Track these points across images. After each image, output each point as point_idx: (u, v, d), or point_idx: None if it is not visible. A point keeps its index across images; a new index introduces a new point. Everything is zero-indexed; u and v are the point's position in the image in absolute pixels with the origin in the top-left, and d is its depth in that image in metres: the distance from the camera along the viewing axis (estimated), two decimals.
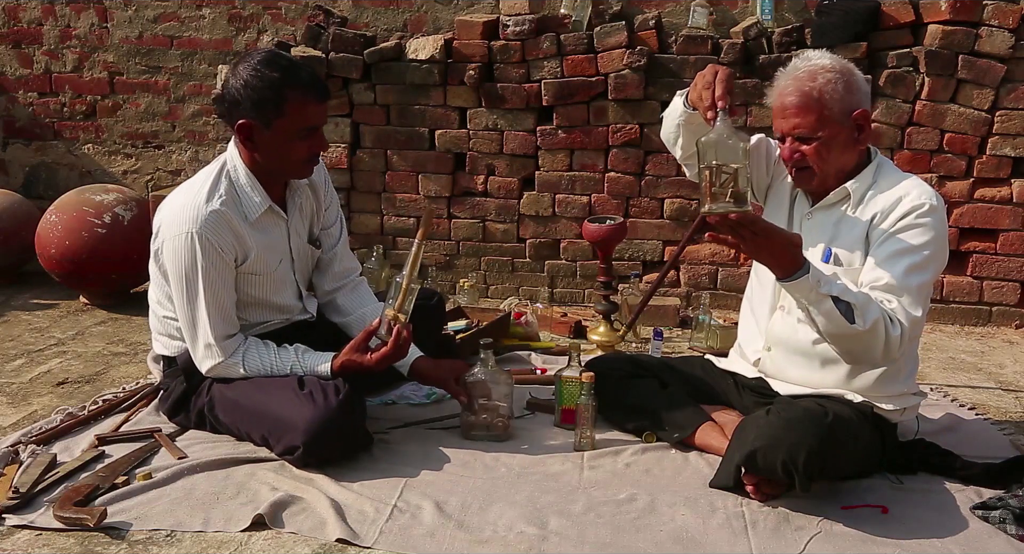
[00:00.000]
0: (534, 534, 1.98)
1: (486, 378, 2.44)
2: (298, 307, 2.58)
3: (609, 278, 3.22)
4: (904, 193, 2.16)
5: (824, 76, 2.16)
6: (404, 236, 4.07)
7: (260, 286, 2.44)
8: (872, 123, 2.18)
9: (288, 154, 2.31)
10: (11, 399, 2.81)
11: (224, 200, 2.30)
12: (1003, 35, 3.46)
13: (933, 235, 2.12)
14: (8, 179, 4.55)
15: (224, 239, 2.29)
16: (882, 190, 2.20)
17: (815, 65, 2.18)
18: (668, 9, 3.85)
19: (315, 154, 2.37)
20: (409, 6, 4.09)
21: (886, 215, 2.15)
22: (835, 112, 2.16)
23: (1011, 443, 2.51)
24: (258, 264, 2.39)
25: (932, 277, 2.15)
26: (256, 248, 2.36)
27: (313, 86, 2.29)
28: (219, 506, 2.08)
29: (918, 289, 2.09)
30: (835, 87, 2.15)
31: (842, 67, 2.19)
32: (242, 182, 2.35)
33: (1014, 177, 3.61)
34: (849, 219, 2.22)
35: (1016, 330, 3.69)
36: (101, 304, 3.82)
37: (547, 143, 3.86)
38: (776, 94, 2.23)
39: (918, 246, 2.11)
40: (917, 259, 2.10)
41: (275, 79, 2.23)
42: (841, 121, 2.17)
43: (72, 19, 4.38)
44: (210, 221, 2.27)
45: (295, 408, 2.23)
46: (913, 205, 2.13)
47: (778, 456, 2.01)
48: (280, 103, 2.23)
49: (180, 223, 2.28)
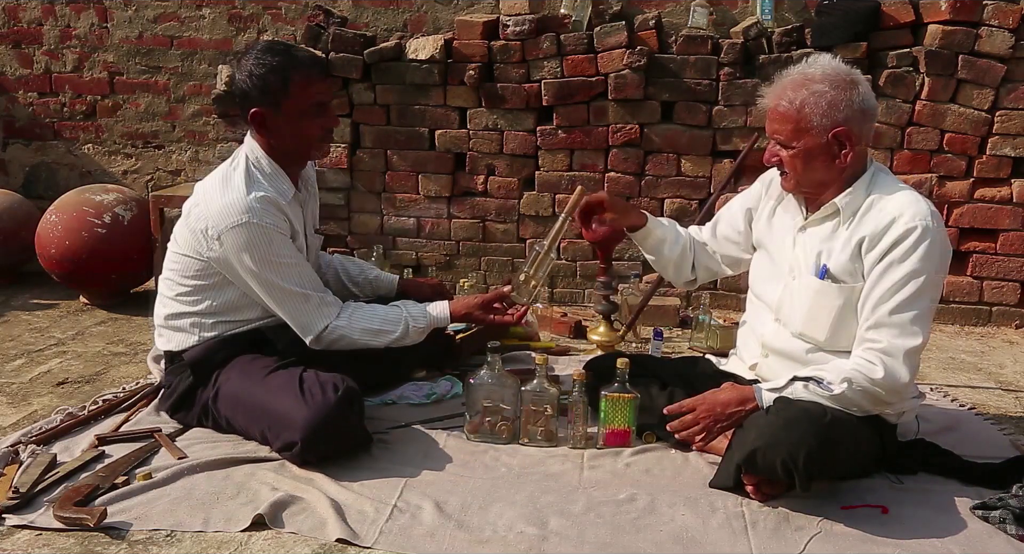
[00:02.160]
0: (534, 534, 1.98)
1: (492, 381, 2.43)
2: None
3: (609, 278, 3.21)
4: (898, 214, 2.10)
5: (812, 87, 2.12)
6: (404, 236, 4.08)
7: None
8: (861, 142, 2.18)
9: (303, 133, 2.40)
10: (11, 399, 2.81)
11: (264, 187, 2.38)
12: (1003, 35, 3.46)
13: (926, 261, 2.07)
14: (8, 179, 4.55)
15: (281, 220, 2.38)
16: (874, 207, 2.16)
17: (809, 73, 2.15)
18: (668, 9, 3.85)
19: (329, 130, 2.46)
20: (409, 6, 4.09)
21: (876, 240, 2.11)
22: (813, 126, 2.12)
23: (1011, 443, 2.51)
24: (301, 244, 2.48)
25: (929, 303, 2.12)
26: (298, 230, 2.46)
27: (313, 64, 2.41)
28: (219, 506, 2.08)
29: (912, 320, 2.07)
30: (818, 100, 2.11)
31: (837, 80, 2.12)
32: (268, 172, 2.43)
33: (1014, 177, 3.61)
34: (841, 235, 2.20)
35: (1016, 330, 3.69)
36: (101, 304, 3.82)
37: (547, 143, 3.86)
38: (768, 94, 2.23)
39: (911, 276, 2.07)
40: (910, 292, 2.07)
41: (276, 63, 2.33)
42: (818, 135, 2.13)
43: (72, 19, 4.38)
44: (263, 207, 2.34)
45: (294, 404, 2.24)
46: (905, 229, 2.08)
47: (778, 456, 2.01)
48: (285, 84, 2.33)
49: (236, 215, 2.32)
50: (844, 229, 2.20)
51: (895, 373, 2.06)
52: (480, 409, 2.45)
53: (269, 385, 2.33)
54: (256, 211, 2.32)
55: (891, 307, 2.08)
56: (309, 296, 2.42)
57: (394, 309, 2.54)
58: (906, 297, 2.07)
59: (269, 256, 2.34)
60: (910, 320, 2.07)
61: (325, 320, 2.43)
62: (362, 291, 2.88)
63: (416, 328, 2.52)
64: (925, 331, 2.10)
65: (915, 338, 2.07)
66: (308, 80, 2.35)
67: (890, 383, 2.07)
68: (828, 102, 2.11)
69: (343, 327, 2.44)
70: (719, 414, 2.20)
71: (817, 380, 2.10)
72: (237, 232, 2.31)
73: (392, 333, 2.49)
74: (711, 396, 2.23)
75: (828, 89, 2.11)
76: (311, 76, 2.36)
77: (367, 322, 2.47)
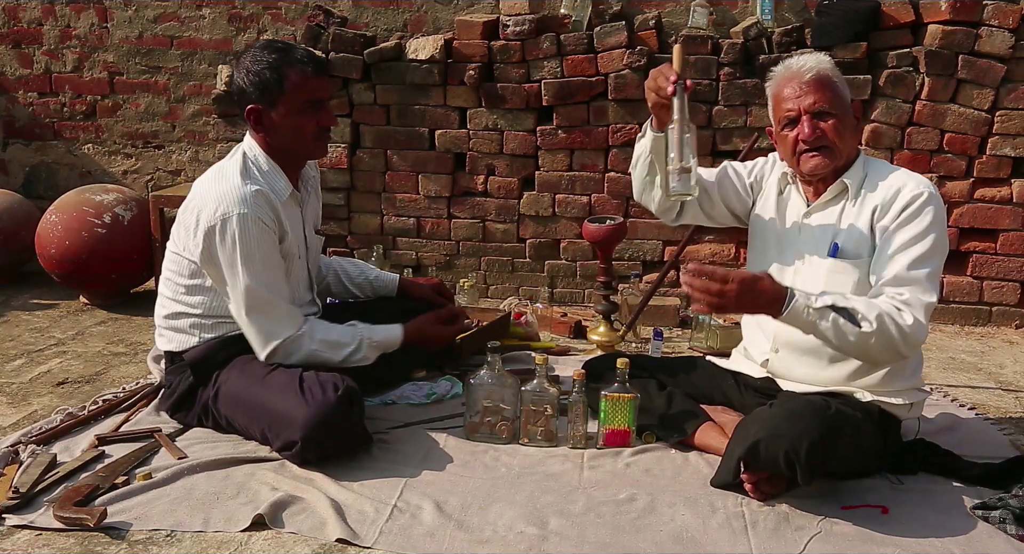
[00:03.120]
0: (534, 534, 1.98)
1: (492, 381, 2.43)
2: (308, 298, 2.65)
3: (609, 278, 3.22)
4: (901, 184, 2.20)
5: (829, 65, 2.26)
6: (404, 236, 4.08)
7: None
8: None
9: (298, 130, 2.39)
10: (11, 399, 2.81)
11: (259, 182, 2.38)
12: (1003, 35, 3.46)
13: (935, 223, 2.16)
14: (8, 179, 4.55)
15: (269, 217, 2.36)
16: (877, 181, 2.24)
17: (816, 56, 2.29)
18: (668, 9, 3.85)
19: (324, 128, 2.45)
20: (409, 6, 4.09)
21: (887, 207, 2.19)
22: (843, 95, 2.25)
23: (1011, 443, 2.51)
24: (289, 246, 2.46)
25: (939, 262, 2.18)
26: (288, 231, 2.44)
27: (310, 61, 2.39)
28: (219, 506, 2.08)
29: (927, 277, 2.12)
30: (839, 75, 2.27)
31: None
32: (265, 169, 2.43)
33: (1014, 177, 3.61)
34: (851, 212, 2.25)
35: (1016, 330, 3.69)
36: (101, 304, 3.82)
37: (547, 143, 3.86)
38: (782, 80, 2.27)
39: (922, 235, 2.14)
40: (923, 249, 2.13)
41: (272, 59, 2.35)
42: (847, 106, 2.26)
43: (72, 19, 4.38)
44: (255, 201, 2.33)
45: (294, 403, 2.24)
46: (913, 195, 2.17)
47: (781, 447, 2.00)
48: (280, 80, 2.34)
49: (227, 206, 2.31)
50: (852, 206, 2.25)
51: (920, 325, 2.08)
52: (480, 409, 2.45)
53: (269, 384, 2.33)
54: (247, 202, 2.31)
55: (908, 262, 2.12)
56: (277, 303, 2.38)
57: (350, 327, 2.52)
58: (920, 254, 2.12)
59: (250, 249, 2.32)
60: (926, 277, 2.12)
61: (288, 331, 2.39)
62: (363, 292, 2.89)
63: (372, 343, 2.49)
64: (937, 290, 2.16)
65: (932, 294, 2.11)
66: (303, 77, 2.35)
67: (914, 334, 2.07)
68: (842, 79, 2.27)
69: (303, 336, 2.40)
70: (743, 298, 2.04)
71: (850, 313, 2.04)
72: (224, 221, 2.30)
73: (348, 346, 2.46)
74: (750, 278, 2.06)
75: (837, 70, 2.28)
76: (306, 73, 2.36)
77: (325, 333, 2.45)
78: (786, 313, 2.06)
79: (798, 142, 2.23)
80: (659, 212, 2.52)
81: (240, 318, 2.39)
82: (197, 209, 2.36)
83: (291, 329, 2.40)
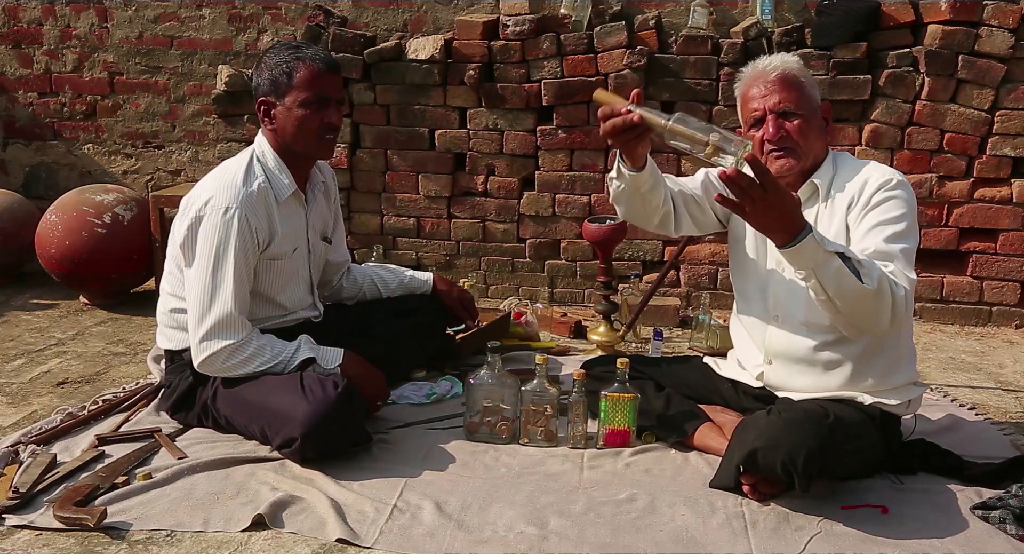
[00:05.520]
0: (534, 534, 1.98)
1: (492, 381, 2.43)
2: (308, 301, 2.66)
3: (609, 278, 3.22)
4: (868, 176, 2.20)
5: (796, 65, 2.25)
6: (404, 236, 4.08)
7: (275, 273, 2.49)
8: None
9: (302, 124, 2.41)
10: (11, 399, 2.81)
11: (260, 181, 2.41)
12: (1003, 35, 3.46)
13: (906, 205, 2.15)
14: (8, 179, 4.55)
15: (259, 219, 2.39)
16: (846, 179, 2.23)
17: (782, 56, 2.29)
18: (668, 9, 3.85)
19: (329, 126, 2.45)
20: (409, 6, 4.09)
21: (858, 195, 2.18)
22: (810, 96, 2.23)
23: (1011, 443, 2.51)
24: (281, 245, 2.46)
25: (914, 244, 2.15)
26: (281, 231, 2.45)
27: (321, 58, 2.43)
28: (219, 506, 2.08)
29: (904, 253, 2.09)
30: (807, 75, 2.27)
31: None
32: (271, 166, 2.47)
33: (1014, 177, 3.61)
34: (824, 215, 2.23)
35: (1016, 330, 3.69)
36: (101, 304, 3.82)
37: (547, 143, 3.86)
38: (749, 80, 2.26)
39: (896, 216, 2.12)
40: (899, 227, 2.11)
41: (286, 56, 2.41)
42: (815, 106, 2.24)
43: (72, 19, 4.38)
44: (250, 200, 2.36)
45: (294, 400, 2.24)
46: (881, 181, 2.16)
47: (778, 456, 2.00)
48: (290, 74, 2.39)
49: (221, 199, 2.35)
50: (825, 208, 2.24)
51: (909, 300, 2.04)
52: (480, 409, 2.45)
53: (269, 383, 2.33)
54: (239, 198, 2.34)
55: (886, 237, 2.09)
56: (210, 313, 2.33)
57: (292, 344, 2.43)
58: (896, 231, 2.10)
59: (223, 245, 2.32)
60: (905, 254, 2.09)
61: (215, 343, 2.33)
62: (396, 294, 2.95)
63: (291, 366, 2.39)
64: (914, 271, 2.11)
65: (913, 273, 2.09)
66: (312, 72, 2.39)
67: (901, 307, 2.01)
68: (810, 80, 2.26)
69: (239, 349, 2.34)
70: (772, 208, 1.92)
71: (855, 266, 1.96)
72: (212, 214, 2.33)
73: (267, 363, 2.37)
74: (789, 197, 1.94)
75: (806, 70, 2.28)
76: (316, 68, 2.40)
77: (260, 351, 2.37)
78: (799, 244, 1.93)
79: (764, 143, 2.20)
80: (655, 230, 2.47)
81: (191, 308, 2.36)
82: (191, 198, 2.41)
83: (224, 340, 2.33)
